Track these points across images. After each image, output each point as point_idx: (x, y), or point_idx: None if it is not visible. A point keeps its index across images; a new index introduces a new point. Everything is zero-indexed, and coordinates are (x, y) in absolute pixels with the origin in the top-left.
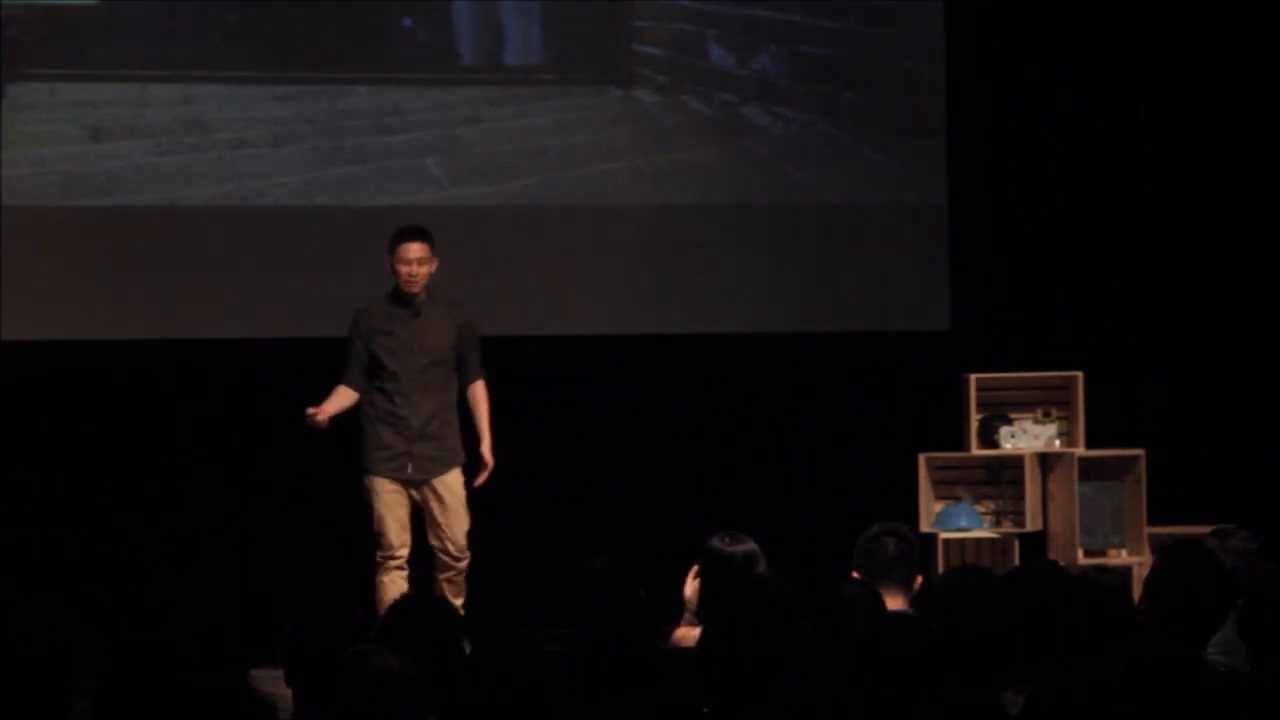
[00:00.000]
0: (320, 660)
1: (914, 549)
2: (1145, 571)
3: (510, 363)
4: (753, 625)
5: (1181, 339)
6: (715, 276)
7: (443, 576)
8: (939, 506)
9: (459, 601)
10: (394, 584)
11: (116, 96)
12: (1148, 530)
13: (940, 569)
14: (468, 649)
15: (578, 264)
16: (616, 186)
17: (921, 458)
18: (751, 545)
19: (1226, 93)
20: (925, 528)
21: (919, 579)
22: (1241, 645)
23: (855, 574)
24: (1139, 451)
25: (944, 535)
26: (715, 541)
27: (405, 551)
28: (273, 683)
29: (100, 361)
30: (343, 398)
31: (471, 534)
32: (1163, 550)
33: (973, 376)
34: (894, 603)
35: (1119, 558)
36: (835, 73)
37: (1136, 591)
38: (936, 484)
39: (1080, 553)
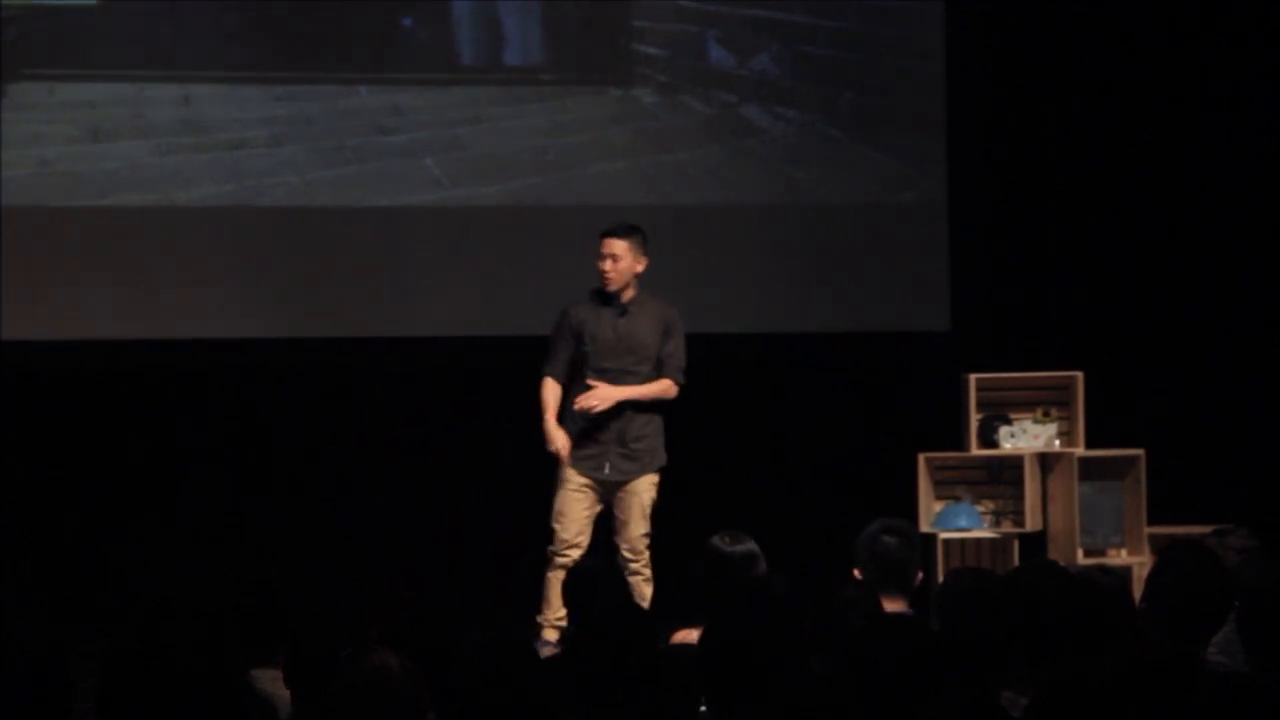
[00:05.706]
0: (320, 660)
1: (914, 545)
2: (1145, 571)
3: (510, 363)
4: (753, 625)
5: (1181, 339)
6: (715, 277)
7: (630, 579)
8: (939, 506)
9: (648, 592)
10: (557, 579)
11: (116, 96)
12: (1148, 530)
13: (940, 569)
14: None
15: (577, 264)
16: (616, 186)
17: (921, 458)
18: (751, 545)
19: (1226, 92)
20: (925, 528)
21: (919, 574)
22: (1241, 645)
23: (856, 572)
24: (1139, 451)
25: (944, 535)
26: (715, 541)
27: (577, 552)
28: (273, 683)
29: (100, 361)
30: (554, 395)
31: (477, 534)
32: (1163, 550)
33: (973, 376)
34: (894, 600)
35: (1119, 558)
36: (835, 73)
37: (1136, 591)
38: (936, 484)
39: (1080, 553)
